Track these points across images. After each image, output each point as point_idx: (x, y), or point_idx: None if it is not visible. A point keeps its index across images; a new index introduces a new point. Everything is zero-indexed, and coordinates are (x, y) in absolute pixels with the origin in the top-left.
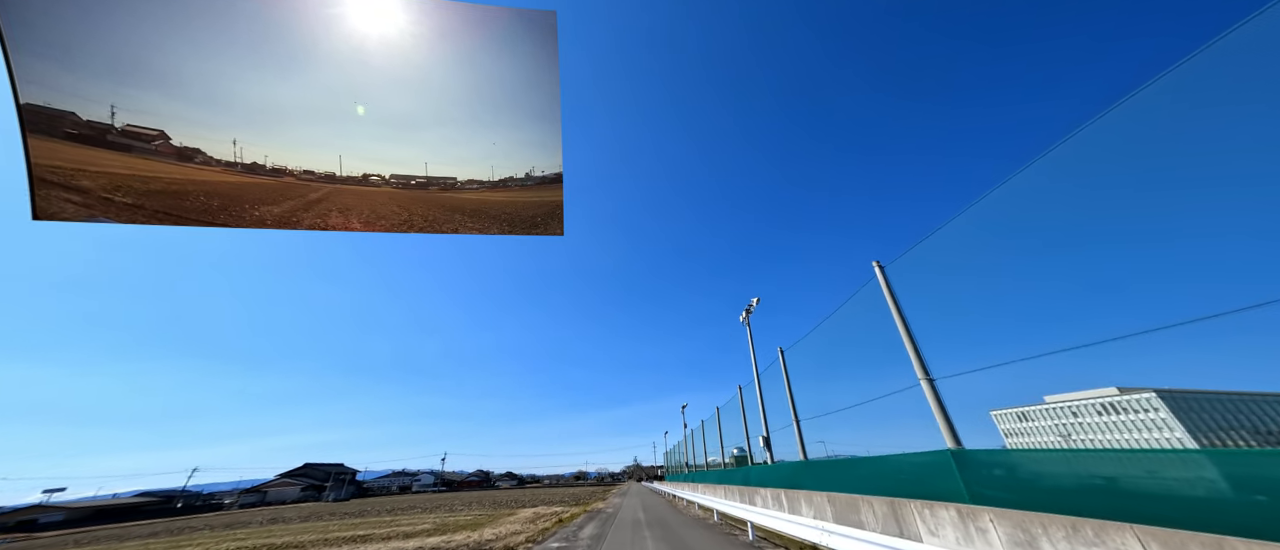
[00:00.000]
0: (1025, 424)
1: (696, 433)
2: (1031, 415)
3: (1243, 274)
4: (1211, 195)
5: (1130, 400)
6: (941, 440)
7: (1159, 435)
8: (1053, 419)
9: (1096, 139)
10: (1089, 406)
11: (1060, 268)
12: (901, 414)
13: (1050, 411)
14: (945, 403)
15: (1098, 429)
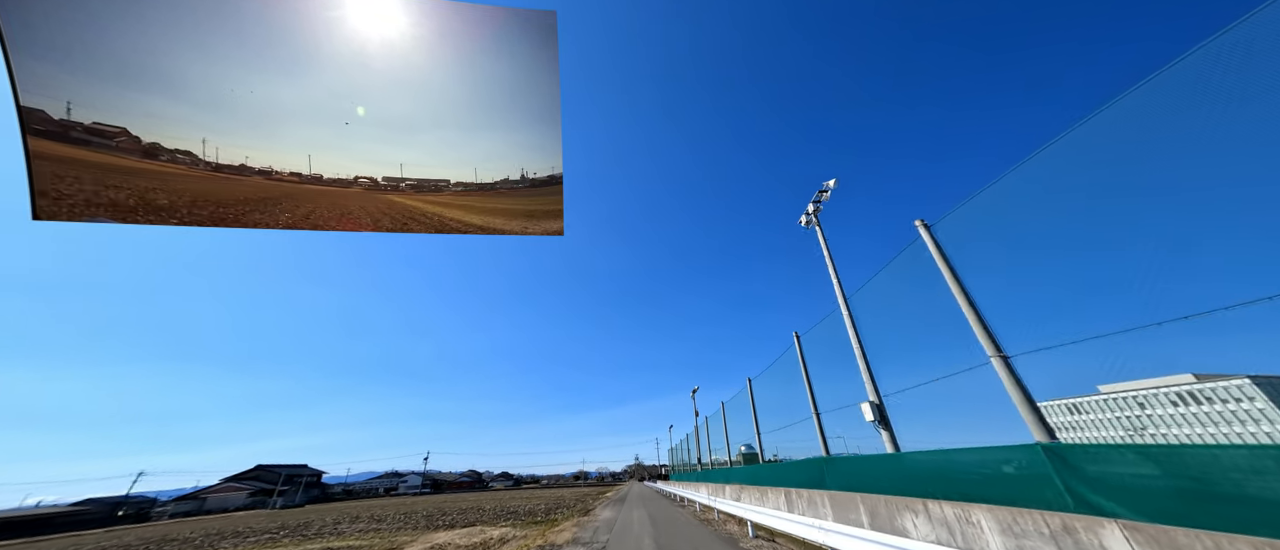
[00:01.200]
0: (1078, 417)
1: (708, 421)
2: (1084, 407)
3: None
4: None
5: (1215, 389)
6: (1001, 431)
7: (1258, 428)
8: (1113, 411)
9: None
10: (1161, 396)
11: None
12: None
13: (1109, 402)
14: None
15: (1175, 422)
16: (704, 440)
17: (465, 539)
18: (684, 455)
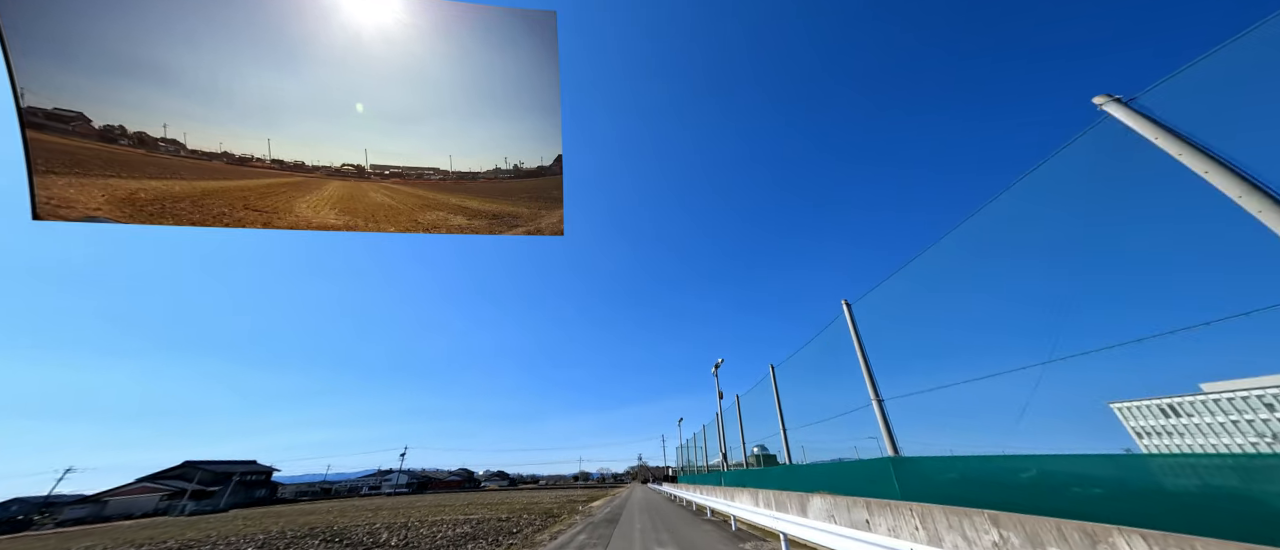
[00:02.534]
0: (1175, 421)
1: (721, 416)
2: (1185, 409)
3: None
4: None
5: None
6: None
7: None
8: (1228, 414)
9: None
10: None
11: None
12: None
13: (1221, 405)
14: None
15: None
16: (716, 436)
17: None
18: (692, 455)
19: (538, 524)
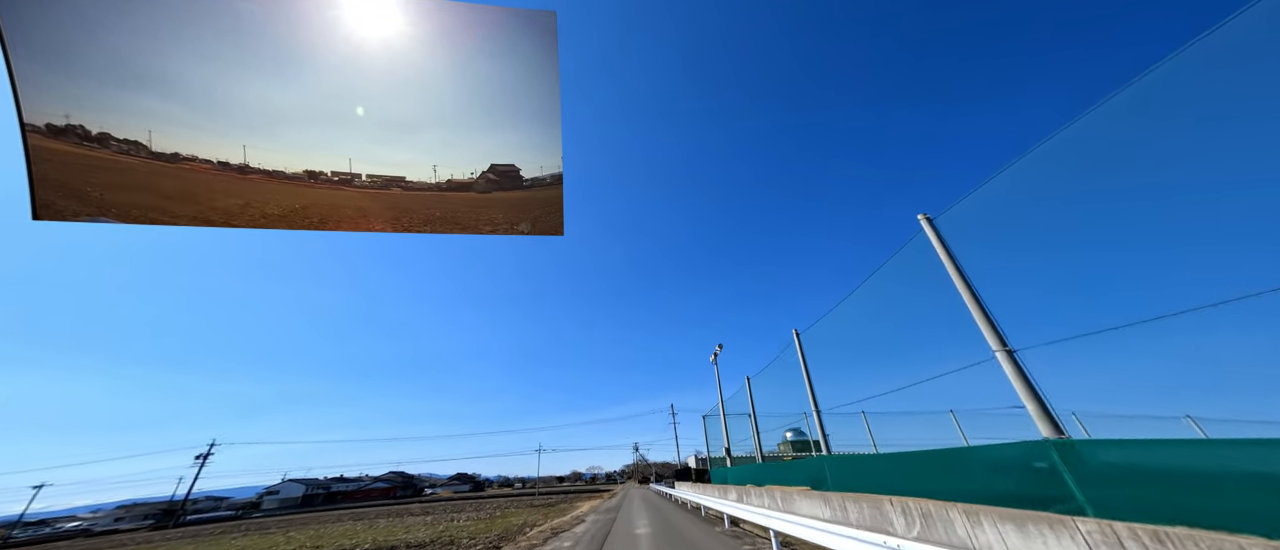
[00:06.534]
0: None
1: (740, 400)
2: None
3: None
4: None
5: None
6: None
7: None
8: None
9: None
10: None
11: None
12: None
13: None
14: None
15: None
16: (739, 427)
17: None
18: (715, 442)
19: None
